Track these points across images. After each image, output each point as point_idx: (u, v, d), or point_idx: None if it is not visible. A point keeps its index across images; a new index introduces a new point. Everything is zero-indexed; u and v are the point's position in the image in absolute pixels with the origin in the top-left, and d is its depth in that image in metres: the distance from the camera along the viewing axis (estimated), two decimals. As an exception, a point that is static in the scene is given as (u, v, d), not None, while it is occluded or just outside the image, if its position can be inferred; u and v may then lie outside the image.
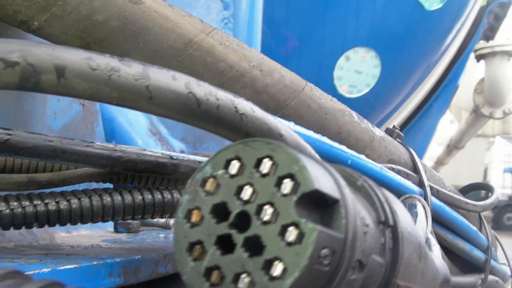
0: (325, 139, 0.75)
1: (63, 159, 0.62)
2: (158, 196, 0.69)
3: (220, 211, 0.42)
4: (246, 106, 0.57)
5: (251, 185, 0.41)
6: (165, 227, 1.17)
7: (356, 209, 0.42)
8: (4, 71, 0.48)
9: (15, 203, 0.62)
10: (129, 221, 0.95)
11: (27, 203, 0.63)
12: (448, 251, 1.10)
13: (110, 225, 1.05)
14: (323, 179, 0.40)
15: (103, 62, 0.51)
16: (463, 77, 4.52)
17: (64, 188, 0.68)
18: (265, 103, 0.75)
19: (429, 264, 0.54)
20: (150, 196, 0.69)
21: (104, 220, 0.67)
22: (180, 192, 0.72)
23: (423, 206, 0.80)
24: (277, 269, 0.39)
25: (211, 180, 0.43)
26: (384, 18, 3.06)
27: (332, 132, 0.83)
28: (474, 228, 1.13)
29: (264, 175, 0.41)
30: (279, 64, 0.82)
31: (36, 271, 0.56)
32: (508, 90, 7.19)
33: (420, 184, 0.93)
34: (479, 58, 6.96)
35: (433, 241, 0.74)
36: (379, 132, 0.93)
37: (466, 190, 1.36)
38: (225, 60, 0.77)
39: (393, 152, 0.94)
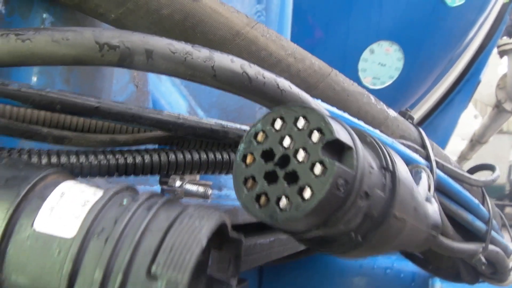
0: (346, 115, 0.91)
1: (139, 123, 0.81)
2: (211, 155, 0.87)
3: (267, 155, 0.60)
4: (285, 83, 0.75)
5: (290, 136, 0.59)
6: (204, 196, 1.32)
7: (364, 155, 0.59)
8: (108, 52, 0.66)
9: (101, 156, 0.80)
10: (175, 187, 1.12)
11: (110, 156, 0.81)
12: (452, 220, 1.26)
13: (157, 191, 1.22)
14: (342, 132, 0.58)
15: (180, 47, 0.69)
16: (486, 73, 4.62)
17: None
18: (297, 85, 0.91)
19: (421, 206, 0.72)
20: (205, 156, 0.87)
21: (168, 172, 0.85)
22: (229, 154, 0.90)
23: (427, 174, 0.97)
24: (307, 193, 0.56)
25: (261, 133, 0.61)
26: (407, 13, 3.18)
27: (352, 111, 1.00)
28: (476, 201, 1.29)
29: (299, 129, 0.59)
30: (309, 53, 0.99)
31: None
32: (530, 86, 7.25)
33: (427, 158, 1.10)
34: (502, 54, 7.03)
35: (433, 200, 0.90)
36: (392, 113, 1.10)
37: (474, 170, 1.52)
38: (266, 49, 0.94)
39: (404, 130, 1.11)
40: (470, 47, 4.03)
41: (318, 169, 0.56)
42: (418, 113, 4.31)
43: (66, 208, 0.51)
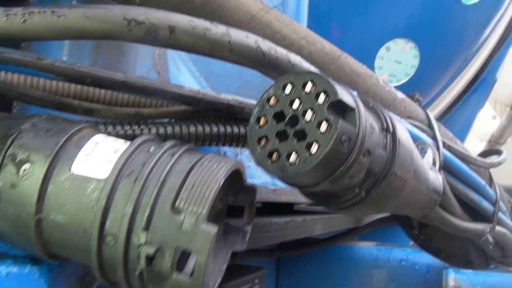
0: (354, 93, 0.98)
1: (161, 97, 0.88)
2: (229, 128, 0.94)
3: (279, 117, 0.67)
4: (296, 58, 0.82)
5: (299, 99, 0.66)
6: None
7: (366, 116, 0.66)
8: (135, 27, 0.73)
9: (128, 127, 0.87)
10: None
11: (136, 127, 0.88)
12: (460, 201, 1.31)
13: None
14: (345, 95, 0.65)
15: (200, 23, 0.76)
16: (506, 73, 4.63)
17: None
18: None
19: (421, 169, 0.78)
20: (223, 128, 0.93)
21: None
22: (245, 127, 0.96)
23: (432, 150, 1.03)
24: (314, 148, 0.63)
25: (273, 97, 0.68)
26: (423, 11, 3.22)
27: (361, 91, 1.06)
28: (483, 182, 1.34)
29: (307, 92, 0.65)
30: (321, 37, 1.06)
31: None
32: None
33: (434, 138, 1.15)
34: (519, 53, 7.03)
35: (437, 172, 0.96)
36: (401, 95, 1.16)
37: (483, 155, 1.57)
38: (280, 32, 1.01)
39: (411, 111, 1.17)
40: (485, 46, 4.06)
41: (323, 126, 0.63)
42: (433, 112, 4.34)
43: (100, 155, 0.58)
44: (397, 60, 3.42)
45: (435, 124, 1.19)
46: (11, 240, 0.62)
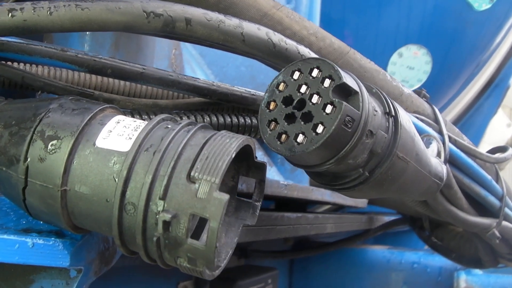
0: (362, 87, 1.02)
1: (178, 88, 0.92)
2: (241, 119, 0.99)
3: (287, 101, 0.71)
4: (305, 50, 0.86)
5: (306, 84, 0.70)
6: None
7: (369, 99, 0.70)
8: (154, 19, 0.78)
9: (145, 117, 0.92)
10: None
11: (153, 117, 0.92)
12: (467, 196, 1.35)
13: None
14: (349, 79, 0.69)
15: (214, 16, 0.81)
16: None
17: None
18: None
19: (423, 153, 0.82)
20: (236, 119, 0.98)
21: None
22: (256, 118, 1.01)
23: (437, 142, 1.07)
24: (320, 128, 0.67)
25: (282, 83, 0.72)
26: (435, 17, 3.25)
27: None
28: (489, 176, 1.38)
29: (314, 78, 0.70)
30: (329, 33, 1.10)
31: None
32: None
33: (440, 132, 1.19)
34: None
35: (443, 165, 1.00)
36: (407, 90, 1.20)
37: (491, 153, 1.61)
38: (290, 28, 1.05)
39: (418, 106, 1.21)
40: (498, 52, 4.07)
41: (329, 108, 0.67)
42: (447, 118, 4.34)
43: (122, 131, 0.63)
44: (410, 66, 3.45)
45: (441, 118, 1.23)
46: (38, 212, 0.67)
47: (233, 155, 0.59)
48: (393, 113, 0.75)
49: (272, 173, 1.82)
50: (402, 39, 3.40)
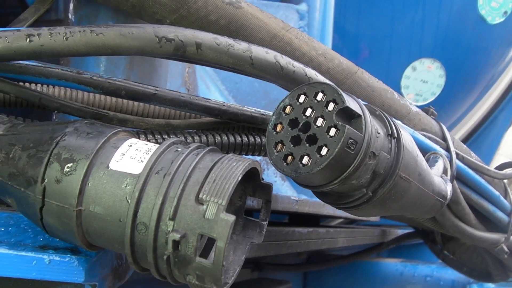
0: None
1: (190, 109, 0.96)
2: (251, 138, 1.02)
3: (293, 124, 0.74)
4: (312, 72, 0.89)
5: (311, 107, 0.73)
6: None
7: (372, 122, 0.73)
8: (165, 43, 0.81)
9: (158, 137, 0.95)
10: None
11: (166, 137, 0.96)
12: (474, 210, 1.37)
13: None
14: (352, 103, 0.72)
15: (223, 40, 0.84)
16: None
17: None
18: (327, 81, 1.04)
19: (426, 173, 0.85)
20: (246, 138, 1.01)
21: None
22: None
23: (443, 159, 1.09)
24: (324, 150, 0.70)
25: (288, 106, 0.75)
26: (448, 31, 3.27)
27: (377, 104, 1.13)
28: (497, 192, 1.40)
29: (318, 101, 0.73)
30: (338, 54, 1.13)
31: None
32: None
33: (447, 149, 1.22)
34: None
35: (447, 180, 1.02)
36: (415, 108, 1.23)
37: (500, 169, 1.63)
38: (299, 49, 1.08)
39: (425, 123, 1.24)
40: (512, 65, 4.06)
41: (332, 131, 0.70)
42: (461, 131, 4.36)
43: (134, 154, 0.66)
44: (423, 79, 3.47)
45: (448, 136, 1.25)
46: (54, 230, 0.70)
47: (239, 178, 0.62)
48: (396, 135, 0.78)
49: (285, 188, 1.85)
50: (416, 52, 3.42)
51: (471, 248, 2.11)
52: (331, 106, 0.72)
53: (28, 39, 0.76)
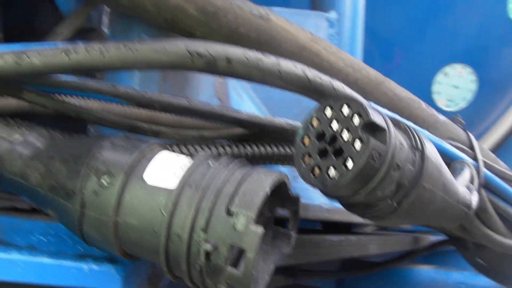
0: (396, 116, 1.06)
1: (222, 120, 0.99)
2: (281, 149, 1.05)
3: (320, 136, 0.77)
4: (339, 85, 0.92)
5: (337, 120, 0.76)
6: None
7: (396, 135, 0.75)
8: (197, 58, 0.84)
9: (190, 147, 0.98)
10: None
11: (198, 148, 0.99)
12: (503, 218, 1.37)
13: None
14: (377, 116, 0.74)
15: (253, 54, 0.87)
16: None
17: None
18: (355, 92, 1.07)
19: (450, 183, 0.87)
20: (276, 149, 1.04)
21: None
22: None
23: (470, 168, 1.11)
24: (350, 163, 0.73)
25: (315, 119, 0.78)
26: (479, 36, 3.25)
27: (404, 114, 1.15)
28: (525, 200, 1.40)
29: (344, 115, 0.75)
30: (365, 64, 1.16)
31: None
32: None
33: (475, 158, 1.23)
34: None
35: (473, 190, 1.03)
36: (443, 118, 1.25)
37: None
38: (328, 60, 1.11)
39: (453, 132, 1.25)
40: (545, 69, 4.01)
41: (358, 144, 0.73)
42: (491, 138, 4.31)
43: (167, 168, 0.69)
44: (455, 85, 3.45)
45: (476, 144, 1.27)
46: (93, 240, 0.73)
47: (268, 192, 0.65)
48: (420, 147, 0.80)
49: (316, 195, 1.86)
50: (447, 58, 3.40)
51: (504, 255, 2.10)
52: (356, 119, 0.74)
53: (65, 55, 0.80)
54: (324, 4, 2.19)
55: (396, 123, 0.81)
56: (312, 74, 0.90)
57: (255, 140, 1.07)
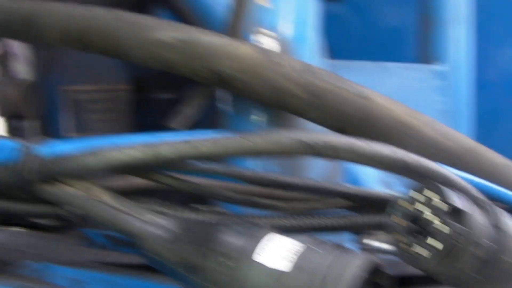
0: (492, 185, 1.15)
1: (328, 194, 1.12)
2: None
3: (408, 217, 0.88)
4: (431, 164, 1.03)
5: (425, 204, 0.87)
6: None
7: (477, 215, 0.86)
8: (298, 145, 0.98)
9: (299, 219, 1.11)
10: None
11: (306, 219, 1.11)
12: None
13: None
14: (459, 201, 0.85)
15: (359, 145, 0.99)
16: None
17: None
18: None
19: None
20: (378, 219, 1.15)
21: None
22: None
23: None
24: (434, 243, 0.84)
25: (405, 201, 0.89)
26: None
27: (499, 181, 1.18)
28: None
29: (429, 198, 0.87)
30: (458, 132, 1.24)
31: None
32: None
33: None
34: None
35: None
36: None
37: None
38: (425, 134, 1.21)
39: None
40: None
41: (441, 226, 0.84)
42: None
43: (282, 254, 0.83)
44: None
45: None
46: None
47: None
48: (500, 225, 0.90)
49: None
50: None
51: None
52: (439, 203, 0.86)
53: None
54: (431, 56, 2.17)
55: (476, 201, 0.92)
56: (412, 159, 1.01)
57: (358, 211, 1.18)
